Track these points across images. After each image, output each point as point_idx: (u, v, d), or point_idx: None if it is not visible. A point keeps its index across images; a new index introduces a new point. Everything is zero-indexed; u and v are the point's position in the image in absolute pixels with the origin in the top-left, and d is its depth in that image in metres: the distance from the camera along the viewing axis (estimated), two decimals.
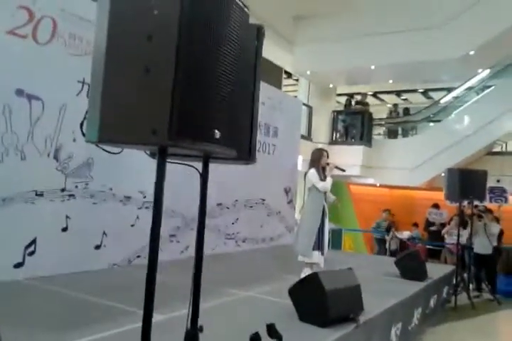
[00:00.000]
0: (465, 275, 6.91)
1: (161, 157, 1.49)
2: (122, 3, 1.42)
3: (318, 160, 4.74)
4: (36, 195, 4.00)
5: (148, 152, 1.68)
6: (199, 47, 1.41)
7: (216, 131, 1.47)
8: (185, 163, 1.77)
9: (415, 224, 10.78)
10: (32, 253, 3.98)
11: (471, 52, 9.34)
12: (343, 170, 5.01)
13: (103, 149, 4.14)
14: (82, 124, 4.31)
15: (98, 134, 1.41)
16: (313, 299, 3.26)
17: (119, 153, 4.32)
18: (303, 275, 4.23)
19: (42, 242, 4.03)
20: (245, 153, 1.75)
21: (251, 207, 6.96)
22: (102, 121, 1.40)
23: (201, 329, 1.92)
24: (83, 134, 4.01)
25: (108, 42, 1.44)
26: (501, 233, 7.97)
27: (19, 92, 3.85)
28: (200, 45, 1.41)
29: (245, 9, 1.59)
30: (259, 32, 1.75)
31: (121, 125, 1.39)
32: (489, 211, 7.75)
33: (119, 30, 1.42)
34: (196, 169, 1.79)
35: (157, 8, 1.35)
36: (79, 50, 4.33)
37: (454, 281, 6.58)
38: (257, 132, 1.81)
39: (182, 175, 1.98)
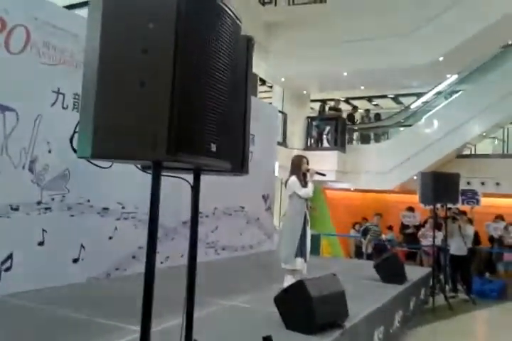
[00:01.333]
0: (441, 276, 7.05)
1: (156, 171, 1.47)
2: (116, 17, 1.40)
3: (298, 167, 4.76)
4: (12, 209, 3.88)
5: (139, 166, 1.65)
6: (194, 60, 1.40)
7: (213, 144, 1.46)
8: (177, 175, 1.75)
9: (390, 227, 10.96)
10: (8, 268, 3.84)
11: (440, 58, 9.60)
12: (324, 175, 5.04)
13: (93, 164, 4.03)
14: (71, 139, 4.21)
15: (92, 150, 1.38)
16: (300, 307, 3.26)
17: (109, 167, 4.23)
18: (285, 283, 4.23)
19: (18, 257, 3.90)
20: (238, 164, 1.75)
21: (230, 214, 6.93)
22: (96, 136, 1.37)
23: None
24: (73, 149, 3.91)
25: (101, 55, 1.41)
26: (476, 234, 8.19)
27: None
28: (195, 57, 1.40)
29: (237, 21, 1.59)
30: (249, 43, 1.75)
31: (116, 140, 1.36)
32: (463, 213, 7.94)
33: (112, 43, 1.40)
34: (188, 182, 1.78)
35: (152, 21, 1.34)
36: (53, 59, 4.24)
37: (431, 283, 6.70)
38: (249, 143, 1.80)
39: (162, 185, 1.95)
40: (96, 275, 4.66)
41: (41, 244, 4.15)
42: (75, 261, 4.47)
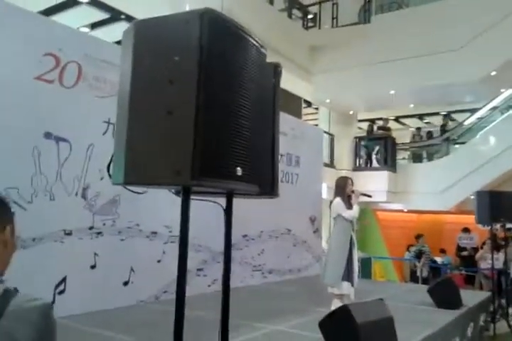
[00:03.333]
0: (503, 301, 6.64)
1: (185, 196, 1.52)
2: (145, 50, 1.49)
3: (343, 189, 4.71)
4: (65, 233, 4.07)
5: (173, 190, 1.72)
6: (218, 89, 1.46)
7: (238, 168, 1.50)
8: (210, 199, 1.79)
9: (442, 251, 10.52)
10: (62, 291, 4.01)
11: (493, 73, 9.30)
12: (370, 196, 4.96)
13: (128, 189, 4.20)
14: (108, 166, 4.41)
15: (124, 176, 1.46)
16: (345, 333, 3.17)
17: (143, 193, 4.38)
18: (333, 308, 4.14)
19: (71, 280, 4.07)
20: (268, 187, 1.77)
21: (276, 237, 6.91)
22: (128, 163, 1.45)
23: None
24: (110, 176, 4.07)
25: (132, 86, 1.50)
26: None
27: (47, 135, 3.99)
28: (219, 86, 1.46)
29: (262, 49, 1.65)
30: (276, 70, 1.80)
31: (145, 167, 1.43)
32: None
33: (142, 75, 1.49)
34: (220, 205, 1.81)
35: (178, 54, 1.42)
36: (103, 91, 4.49)
37: (492, 308, 6.32)
38: (278, 167, 1.83)
39: (206, 209, 2.00)
40: (145, 298, 4.76)
41: (93, 267, 4.31)
42: (125, 284, 4.60)
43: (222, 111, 1.48)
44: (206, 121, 1.40)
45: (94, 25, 9.59)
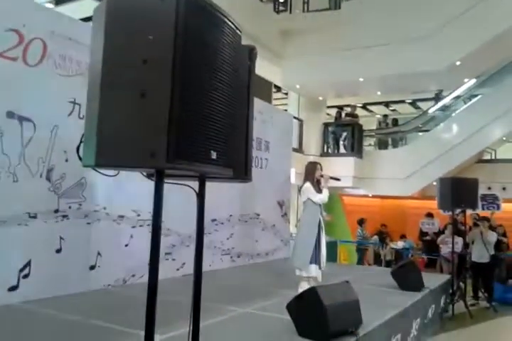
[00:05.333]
0: (461, 283, 6.92)
1: (159, 178, 1.50)
2: (117, 28, 1.44)
3: (312, 174, 4.76)
4: (30, 216, 3.97)
5: (145, 173, 1.69)
6: (194, 70, 1.43)
7: (212, 151, 1.49)
8: (182, 183, 1.77)
9: (403, 236, 10.87)
10: (26, 275, 3.93)
11: (457, 63, 9.49)
12: (339, 180, 5.03)
13: (99, 172, 4.12)
14: (78, 148, 4.30)
15: (95, 158, 1.42)
16: (313, 314, 3.24)
17: (115, 175, 4.30)
18: (300, 290, 4.21)
19: (36, 264, 3.98)
20: (241, 171, 1.77)
21: (245, 221, 6.95)
22: (99, 145, 1.41)
23: None
24: (80, 158, 3.99)
25: (103, 66, 1.46)
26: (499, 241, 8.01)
27: (10, 114, 3.84)
28: (194, 67, 1.43)
29: (237, 31, 1.62)
30: (251, 52, 1.78)
31: (118, 149, 1.40)
32: (485, 219, 7.79)
33: (114, 54, 1.44)
34: (193, 189, 1.80)
35: (152, 33, 1.38)
36: (69, 70, 4.35)
37: (451, 290, 6.58)
38: (252, 150, 1.82)
39: (176, 193, 1.99)
40: (112, 282, 4.72)
41: (59, 251, 4.22)
42: (92, 268, 4.54)
43: (197, 94, 1.45)
44: (181, 103, 1.37)
45: (58, 1, 9.21)
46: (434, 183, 8.63)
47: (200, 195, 1.81)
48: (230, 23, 1.58)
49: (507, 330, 5.99)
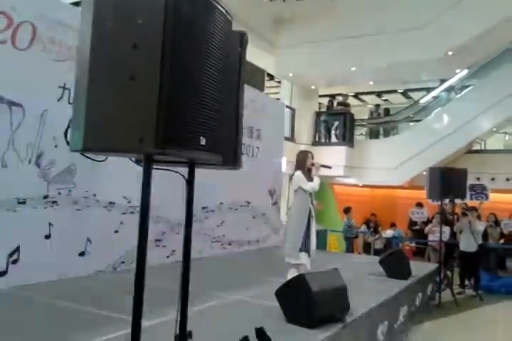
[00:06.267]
0: (448, 272, 7.02)
1: (147, 164, 1.50)
2: (106, 12, 1.42)
3: (303, 162, 4.77)
4: (18, 202, 3.95)
5: (133, 159, 1.68)
6: (184, 55, 1.42)
7: (202, 137, 1.48)
8: (171, 169, 1.77)
9: (392, 225, 10.96)
10: (15, 261, 3.92)
11: (449, 53, 9.50)
12: (330, 167, 5.05)
13: (87, 157, 4.10)
14: (66, 132, 4.27)
15: (83, 143, 1.41)
16: (301, 301, 3.28)
17: (103, 160, 4.28)
18: (289, 277, 4.25)
19: (25, 250, 3.97)
20: (231, 158, 1.77)
21: (236, 209, 6.97)
22: (87, 129, 1.40)
23: (190, 334, 1.92)
24: (67, 143, 3.95)
25: (92, 50, 1.44)
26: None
27: None
28: (185, 52, 1.42)
29: (228, 16, 1.61)
30: (242, 38, 1.76)
31: (106, 133, 1.39)
32: (474, 209, 7.89)
33: (103, 38, 1.42)
34: (182, 175, 1.80)
35: (141, 17, 1.36)
36: (59, 55, 4.29)
37: (438, 279, 6.68)
38: (242, 138, 1.82)
39: (166, 180, 1.98)
40: (102, 268, 4.73)
41: (48, 237, 4.22)
42: (81, 254, 4.55)
43: (187, 78, 1.44)
44: (170, 88, 1.36)
45: None
46: (424, 173, 8.70)
47: (190, 182, 1.81)
48: (220, 8, 1.56)
49: (492, 318, 6.10)
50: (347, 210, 10.81)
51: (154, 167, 1.55)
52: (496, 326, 5.70)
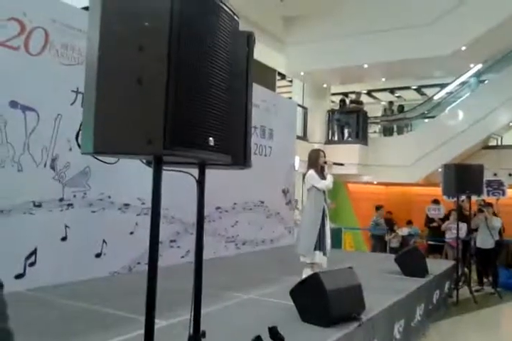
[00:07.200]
0: (466, 269, 6.94)
1: (157, 165, 1.51)
2: (113, 16, 1.44)
3: (315, 161, 4.76)
4: (34, 205, 4.00)
5: (144, 160, 1.70)
6: (190, 57, 1.42)
7: (210, 138, 1.49)
8: (182, 170, 1.78)
9: (409, 222, 10.84)
10: (32, 264, 3.98)
11: (463, 48, 9.38)
12: (342, 165, 5.04)
13: (98, 159, 4.12)
14: (77, 136, 4.30)
15: (93, 145, 1.43)
16: (315, 299, 3.27)
17: (115, 163, 4.31)
18: (304, 276, 4.24)
19: (42, 252, 4.03)
20: (240, 158, 1.77)
21: (250, 209, 6.98)
22: (97, 132, 1.42)
23: (204, 334, 1.93)
24: (79, 146, 3.97)
25: (100, 54, 1.45)
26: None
27: (13, 104, 3.86)
28: (191, 54, 1.43)
29: (235, 17, 1.61)
30: (249, 39, 1.77)
31: (115, 136, 1.40)
32: (490, 205, 7.77)
33: (110, 41, 1.44)
34: (193, 176, 1.81)
35: (147, 19, 1.37)
36: (71, 59, 4.35)
37: (455, 276, 6.60)
38: (251, 137, 1.83)
39: (179, 180, 2.00)
40: (118, 269, 4.77)
41: (64, 239, 4.27)
42: (98, 255, 4.59)
43: (194, 80, 1.45)
44: (177, 90, 1.38)
45: None
46: (440, 170, 8.61)
47: (200, 182, 1.82)
48: (226, 9, 1.56)
49: (510, 315, 6.01)
50: (377, 208, 10.65)
51: (165, 168, 1.56)
52: None
